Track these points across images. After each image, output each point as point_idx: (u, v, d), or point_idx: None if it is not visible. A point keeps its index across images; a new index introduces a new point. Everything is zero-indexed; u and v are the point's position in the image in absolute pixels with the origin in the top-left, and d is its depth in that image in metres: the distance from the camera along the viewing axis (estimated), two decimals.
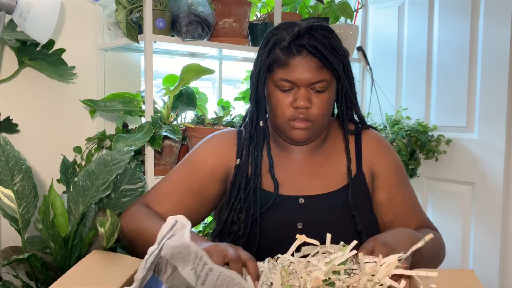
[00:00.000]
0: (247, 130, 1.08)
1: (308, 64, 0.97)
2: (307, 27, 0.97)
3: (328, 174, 1.07)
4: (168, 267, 0.72)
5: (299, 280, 0.76)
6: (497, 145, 1.94)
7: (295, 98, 0.99)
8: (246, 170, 1.06)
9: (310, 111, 1.00)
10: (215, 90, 2.11)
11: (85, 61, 1.67)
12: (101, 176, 1.08)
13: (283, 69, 0.98)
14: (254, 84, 1.05)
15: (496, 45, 1.92)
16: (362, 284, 0.74)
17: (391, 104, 2.29)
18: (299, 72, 0.97)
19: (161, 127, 1.47)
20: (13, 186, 1.09)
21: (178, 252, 0.70)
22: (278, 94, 1.00)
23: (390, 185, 1.08)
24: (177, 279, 0.71)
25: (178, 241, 0.71)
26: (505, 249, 1.95)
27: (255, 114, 1.06)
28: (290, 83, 0.99)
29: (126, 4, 1.47)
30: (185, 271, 0.70)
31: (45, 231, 1.06)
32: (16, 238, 1.15)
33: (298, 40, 0.97)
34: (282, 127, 1.03)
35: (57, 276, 1.10)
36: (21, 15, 1.23)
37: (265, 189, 1.05)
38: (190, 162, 1.11)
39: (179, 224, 0.74)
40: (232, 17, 1.67)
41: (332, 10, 1.99)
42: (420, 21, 2.21)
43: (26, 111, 1.55)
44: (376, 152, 1.09)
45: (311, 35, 0.97)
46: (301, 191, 1.05)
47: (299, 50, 0.97)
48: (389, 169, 1.09)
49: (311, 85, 0.99)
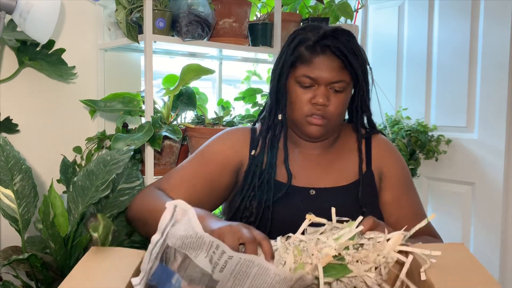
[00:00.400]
0: (264, 122, 1.13)
1: (330, 64, 1.02)
2: (332, 30, 1.03)
3: (339, 171, 1.12)
4: (178, 256, 0.72)
5: (310, 257, 0.78)
6: (497, 145, 1.94)
7: (314, 95, 1.04)
8: (262, 160, 1.10)
9: (327, 109, 1.04)
10: (215, 90, 2.11)
11: (85, 61, 1.67)
12: (100, 176, 1.08)
13: (306, 66, 1.03)
14: (276, 78, 1.09)
15: (496, 45, 1.92)
16: (372, 259, 0.77)
17: (391, 104, 2.28)
18: (321, 70, 1.02)
19: (161, 127, 1.47)
20: (13, 186, 1.09)
21: (190, 242, 0.70)
22: (298, 89, 1.05)
23: (397, 187, 1.13)
24: (191, 268, 0.71)
25: (187, 231, 0.70)
26: (505, 249, 1.95)
27: (274, 107, 1.11)
28: (311, 80, 1.03)
29: (126, 4, 1.47)
30: (199, 259, 0.70)
31: (45, 231, 1.06)
32: (16, 238, 1.15)
33: (323, 40, 1.02)
34: (299, 122, 1.08)
35: (57, 276, 1.10)
36: (21, 15, 1.23)
37: (278, 180, 1.09)
38: (204, 153, 1.14)
39: (180, 209, 0.73)
40: (232, 17, 1.67)
41: (332, 10, 1.99)
42: (420, 21, 2.21)
43: (26, 111, 1.55)
44: (384, 155, 1.14)
45: (335, 38, 1.03)
46: (312, 183, 1.10)
47: (324, 50, 1.02)
48: (396, 172, 1.14)
49: (330, 84, 1.03)
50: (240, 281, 0.70)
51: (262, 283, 0.70)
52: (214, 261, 0.70)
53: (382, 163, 1.13)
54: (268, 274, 0.70)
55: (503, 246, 1.95)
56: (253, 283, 0.70)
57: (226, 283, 0.71)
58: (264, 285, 0.70)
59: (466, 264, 0.77)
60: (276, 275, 0.70)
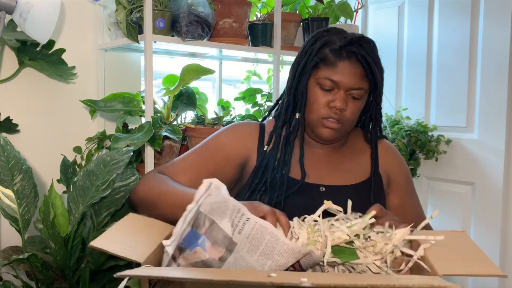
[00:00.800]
0: (280, 119, 1.13)
1: (354, 70, 1.04)
2: (359, 37, 1.05)
3: (348, 170, 1.14)
4: (206, 221, 0.81)
5: (322, 237, 0.83)
6: (497, 145, 1.94)
7: (333, 98, 1.05)
8: (275, 156, 1.11)
9: (344, 114, 1.06)
10: (215, 90, 2.11)
11: (85, 61, 1.67)
12: (100, 176, 1.08)
13: (329, 69, 1.04)
14: (297, 77, 1.10)
15: (496, 45, 1.92)
16: (379, 247, 0.82)
17: (391, 104, 2.29)
18: (344, 75, 1.04)
19: (161, 127, 1.47)
20: (13, 186, 1.09)
21: (217, 207, 0.80)
22: (318, 91, 1.07)
23: (403, 192, 1.17)
24: (215, 230, 0.80)
25: (217, 197, 0.80)
26: (505, 249, 1.95)
27: (291, 105, 1.12)
28: (332, 83, 1.05)
29: (126, 4, 1.47)
30: (223, 223, 0.80)
31: (45, 231, 1.06)
32: (16, 238, 1.15)
33: (349, 45, 1.04)
34: (314, 123, 1.09)
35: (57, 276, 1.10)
36: (21, 15, 1.23)
37: (290, 176, 1.10)
38: (209, 144, 1.15)
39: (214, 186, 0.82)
40: (232, 17, 1.67)
41: (332, 10, 1.99)
42: (420, 21, 2.21)
43: (26, 111, 1.55)
44: (391, 160, 1.18)
45: (360, 45, 1.04)
46: (322, 181, 1.11)
47: (349, 55, 1.04)
48: (402, 176, 1.18)
49: (350, 90, 1.05)
50: (255, 246, 0.79)
51: (272, 249, 0.79)
52: (235, 224, 0.80)
53: (388, 167, 1.17)
54: (278, 242, 0.79)
55: (503, 246, 1.95)
56: (265, 250, 0.79)
57: (243, 246, 0.80)
58: (273, 251, 0.79)
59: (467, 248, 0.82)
60: (284, 244, 0.79)
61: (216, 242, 0.81)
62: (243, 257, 0.80)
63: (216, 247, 0.81)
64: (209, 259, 0.81)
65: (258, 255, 0.80)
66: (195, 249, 0.82)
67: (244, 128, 1.17)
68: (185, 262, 0.83)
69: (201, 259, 0.82)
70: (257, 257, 0.80)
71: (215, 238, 0.81)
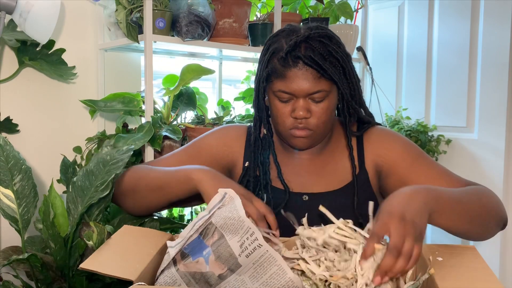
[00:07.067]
0: (253, 134, 1.11)
1: (304, 75, 0.97)
2: (305, 37, 0.97)
3: (331, 174, 1.10)
4: (216, 234, 0.80)
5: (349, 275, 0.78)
6: (497, 145, 1.93)
7: (293, 108, 1.00)
8: (255, 172, 1.09)
9: (309, 121, 1.01)
10: (215, 90, 2.11)
11: (85, 61, 1.67)
12: (100, 176, 1.08)
13: (280, 80, 0.99)
14: (256, 91, 1.07)
15: (496, 45, 1.92)
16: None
17: (391, 104, 2.29)
18: (296, 83, 0.97)
19: (161, 127, 1.47)
20: (13, 186, 1.09)
21: (231, 224, 0.79)
22: (278, 103, 1.02)
23: (402, 166, 1.06)
24: (223, 247, 0.79)
25: (232, 213, 0.79)
26: (505, 249, 1.95)
27: (258, 121, 1.09)
28: (288, 94, 1.00)
29: (126, 4, 1.47)
30: (233, 241, 0.79)
31: (45, 231, 1.06)
32: (16, 238, 1.15)
33: (294, 51, 0.97)
34: (283, 135, 1.06)
35: (57, 276, 1.10)
36: (21, 15, 1.23)
37: (274, 186, 1.09)
38: (196, 144, 1.15)
39: (228, 196, 0.82)
40: (232, 17, 1.67)
41: (332, 10, 1.99)
42: (420, 21, 2.21)
43: (26, 111, 1.55)
44: (376, 145, 1.09)
45: (308, 45, 0.97)
46: (305, 189, 1.08)
47: (295, 62, 0.97)
48: (396, 155, 1.07)
49: (309, 96, 0.99)
50: (259, 273, 0.78)
51: (276, 282, 0.77)
52: (245, 246, 0.78)
53: (376, 156, 1.08)
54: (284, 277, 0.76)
55: (503, 246, 1.94)
56: (268, 280, 0.77)
57: (246, 270, 0.78)
58: (277, 284, 0.77)
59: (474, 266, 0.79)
60: (290, 280, 0.76)
61: (220, 257, 0.80)
62: (243, 280, 0.79)
63: (219, 263, 0.80)
64: (209, 272, 0.80)
65: (260, 284, 0.78)
66: (198, 259, 0.81)
67: (230, 130, 1.16)
68: (185, 269, 0.82)
69: (201, 271, 0.80)
70: (258, 285, 0.78)
71: (220, 254, 0.80)
